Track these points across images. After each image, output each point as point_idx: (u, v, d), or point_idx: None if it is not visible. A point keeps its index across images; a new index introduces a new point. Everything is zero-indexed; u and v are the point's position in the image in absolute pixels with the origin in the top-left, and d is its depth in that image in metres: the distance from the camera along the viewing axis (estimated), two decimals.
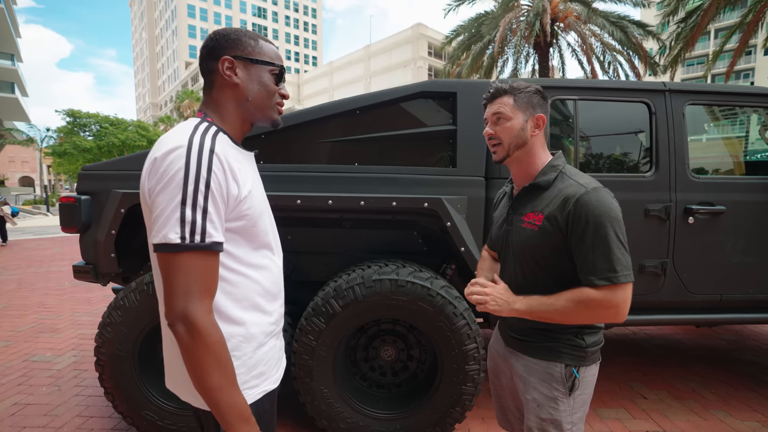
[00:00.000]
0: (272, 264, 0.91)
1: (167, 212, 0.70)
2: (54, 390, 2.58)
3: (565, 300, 0.96)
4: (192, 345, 0.70)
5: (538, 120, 1.06)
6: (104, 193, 2.03)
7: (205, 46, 0.86)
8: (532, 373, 1.08)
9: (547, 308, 0.98)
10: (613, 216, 0.95)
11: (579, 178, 1.03)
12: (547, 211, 1.02)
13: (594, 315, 0.96)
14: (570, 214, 0.97)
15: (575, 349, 1.03)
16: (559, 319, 0.98)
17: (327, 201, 1.93)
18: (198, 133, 0.76)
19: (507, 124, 1.06)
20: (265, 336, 0.88)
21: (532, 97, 1.07)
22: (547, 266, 1.05)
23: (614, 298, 0.93)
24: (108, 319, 1.94)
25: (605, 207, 0.95)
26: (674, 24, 11.74)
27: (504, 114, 1.06)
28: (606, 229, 0.94)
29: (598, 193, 0.97)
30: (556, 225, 1.00)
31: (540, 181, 1.07)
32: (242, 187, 0.79)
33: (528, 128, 1.06)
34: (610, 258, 0.93)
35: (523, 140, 1.06)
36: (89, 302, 4.64)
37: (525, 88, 1.07)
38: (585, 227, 0.95)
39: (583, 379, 1.04)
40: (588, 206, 0.96)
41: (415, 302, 1.85)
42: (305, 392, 1.93)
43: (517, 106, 1.06)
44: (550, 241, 1.01)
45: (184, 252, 0.70)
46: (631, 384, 2.69)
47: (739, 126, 4.20)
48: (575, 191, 0.99)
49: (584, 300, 0.94)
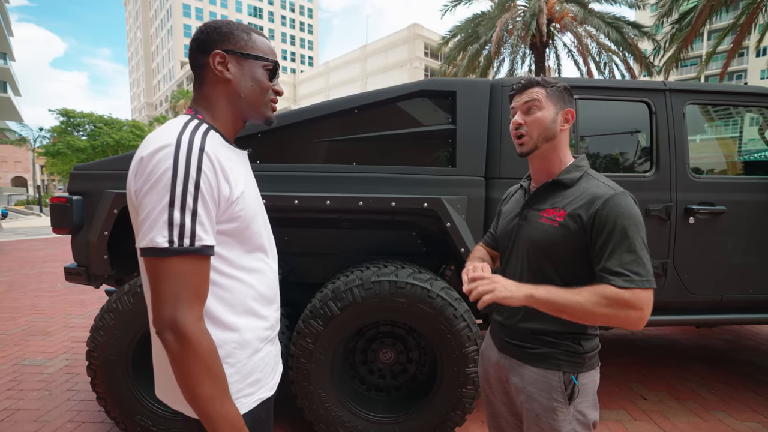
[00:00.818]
0: (267, 267, 0.87)
1: (154, 215, 0.66)
2: (45, 395, 2.53)
3: (589, 294, 0.90)
4: (181, 354, 0.66)
5: (568, 114, 1.05)
6: (96, 193, 1.98)
7: (195, 39, 0.82)
8: (529, 383, 1.04)
9: (568, 298, 0.91)
10: (639, 221, 0.95)
11: (606, 181, 1.02)
12: (570, 208, 1.00)
13: (618, 315, 0.90)
14: (597, 213, 0.95)
15: (573, 356, 1.00)
16: (579, 314, 0.92)
17: (325, 201, 1.90)
18: (187, 131, 0.72)
19: (539, 114, 1.03)
20: (260, 342, 0.85)
21: (563, 92, 1.06)
22: (561, 265, 1.02)
23: (641, 300, 0.89)
24: (100, 322, 1.89)
25: (633, 212, 0.95)
26: (669, 25, 11.81)
27: (537, 103, 1.04)
28: (634, 233, 0.93)
29: (627, 198, 0.97)
30: (579, 223, 0.97)
31: (564, 178, 1.04)
32: (234, 187, 0.75)
33: (558, 121, 1.05)
34: (637, 262, 0.91)
35: (552, 133, 1.04)
36: (82, 304, 4.57)
37: (555, 82, 1.07)
38: (612, 229, 0.93)
39: (583, 385, 1.00)
40: (617, 208, 0.94)
41: (415, 304, 1.82)
42: (303, 396, 1.89)
43: (549, 98, 1.04)
44: (569, 239, 0.99)
45: (173, 256, 0.66)
46: (630, 385, 2.68)
47: (732, 126, 4.22)
48: (604, 192, 0.97)
49: (609, 297, 0.89)
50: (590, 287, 0.92)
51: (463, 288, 0.97)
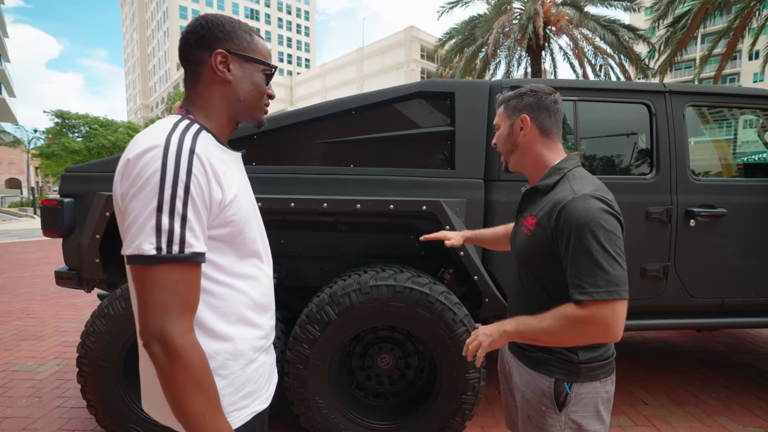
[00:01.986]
0: (261, 273, 0.83)
1: (141, 220, 0.62)
2: (35, 401, 2.46)
3: (551, 318, 0.88)
4: (170, 368, 0.62)
5: (522, 121, 1.05)
6: (89, 195, 1.94)
7: (193, 32, 0.77)
8: (524, 383, 1.05)
9: (533, 327, 0.90)
10: (600, 225, 0.86)
11: (576, 183, 0.95)
12: (539, 215, 0.99)
13: (581, 334, 0.86)
14: (555, 222, 0.92)
15: (567, 364, 0.97)
16: (548, 340, 0.91)
17: (322, 204, 1.86)
18: (177, 132, 0.69)
19: (498, 133, 1.11)
20: (254, 352, 0.81)
21: (518, 101, 1.06)
22: (539, 276, 1.01)
23: (600, 314, 0.84)
24: (91, 328, 1.84)
25: (591, 216, 0.87)
26: (664, 28, 11.90)
27: (496, 124, 1.12)
28: (589, 239, 0.86)
29: (586, 201, 0.89)
30: (544, 232, 0.96)
31: (540, 184, 1.03)
32: (227, 190, 0.72)
33: (514, 131, 1.06)
34: (593, 271, 0.85)
35: (511, 145, 1.08)
36: (75, 308, 4.50)
37: (515, 93, 1.07)
38: (569, 237, 0.89)
39: (578, 396, 0.96)
40: (573, 213, 0.88)
41: (414, 309, 1.79)
42: (299, 403, 1.85)
43: (505, 114, 1.09)
44: (540, 249, 0.97)
45: (161, 264, 0.62)
46: (630, 389, 2.65)
47: (726, 128, 4.22)
48: (563, 197, 0.93)
49: (568, 317, 0.86)
50: (553, 310, 0.89)
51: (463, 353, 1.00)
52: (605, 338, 0.86)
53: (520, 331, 0.92)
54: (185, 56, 0.78)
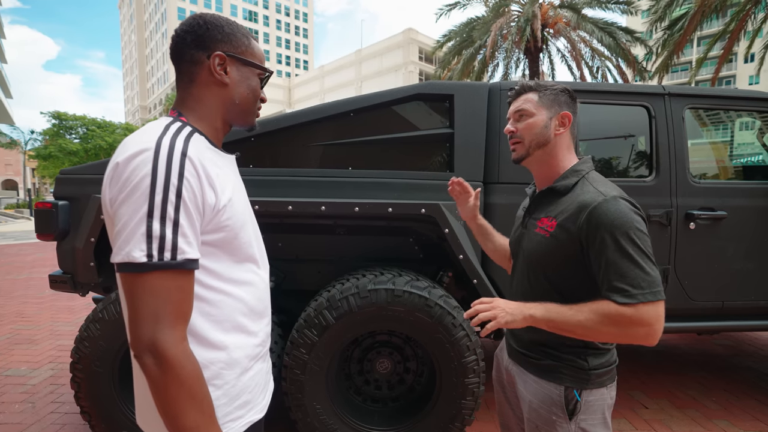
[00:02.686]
0: (257, 279, 0.81)
1: (131, 226, 0.60)
2: (28, 407, 2.43)
3: (590, 312, 0.85)
4: (162, 379, 0.60)
5: (564, 117, 1.01)
6: (83, 198, 1.92)
7: (190, 31, 0.75)
8: (531, 392, 1.01)
9: (568, 318, 0.86)
10: (635, 227, 0.86)
11: (600, 186, 0.94)
12: (561, 218, 0.95)
13: (624, 333, 0.84)
14: (584, 224, 0.90)
15: (577, 371, 0.95)
16: (581, 333, 0.87)
17: (320, 207, 1.84)
18: (168, 134, 0.66)
19: (530, 120, 1.02)
20: (249, 360, 0.79)
21: (558, 96, 1.02)
22: (556, 278, 0.97)
23: (646, 315, 0.83)
24: (85, 332, 1.81)
25: (624, 218, 0.86)
26: (661, 31, 11.96)
27: (527, 110, 1.02)
28: (626, 241, 0.85)
29: (617, 203, 0.88)
30: (569, 234, 0.93)
31: (558, 185, 1.00)
32: (221, 194, 0.69)
33: (552, 126, 1.01)
34: (635, 273, 0.84)
35: (545, 138, 1.01)
36: (70, 311, 4.46)
37: (552, 86, 1.03)
38: (603, 239, 0.87)
39: (587, 402, 0.95)
40: (605, 216, 0.87)
41: (413, 313, 1.77)
42: (296, 409, 1.82)
43: (541, 103, 1.01)
44: (561, 251, 0.94)
45: (152, 272, 0.60)
46: (630, 393, 2.64)
47: (723, 130, 4.22)
48: (592, 199, 0.91)
49: (612, 315, 0.84)
50: (591, 304, 0.86)
51: (464, 314, 0.93)
52: (647, 340, 0.84)
53: (549, 319, 0.88)
54: (180, 55, 0.76)
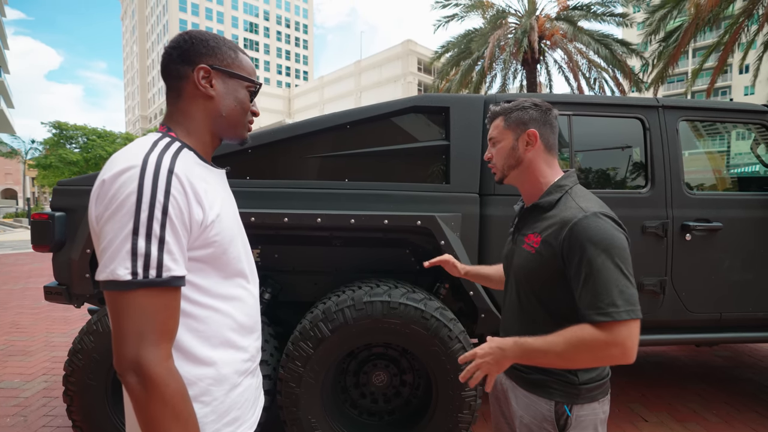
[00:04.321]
0: (246, 294, 0.81)
1: (116, 244, 0.60)
2: (20, 420, 2.39)
3: (565, 343, 0.84)
4: (145, 398, 0.59)
5: (529, 136, 1.02)
6: (80, 209, 1.92)
7: (176, 47, 0.77)
8: (522, 407, 1.01)
9: (544, 353, 0.86)
10: (613, 244, 0.86)
11: (582, 201, 0.94)
12: (545, 234, 0.96)
13: (597, 357, 0.84)
14: (565, 240, 0.90)
15: (567, 386, 0.95)
16: (561, 363, 0.88)
17: (316, 219, 1.84)
18: (156, 151, 0.67)
19: (499, 146, 1.07)
20: (239, 376, 0.78)
21: (524, 114, 1.03)
22: (541, 295, 0.98)
23: (619, 335, 0.81)
24: (79, 345, 1.80)
25: (602, 235, 0.87)
26: (656, 43, 12.13)
27: (495, 137, 1.08)
28: (603, 258, 0.85)
29: (597, 220, 0.89)
30: (552, 250, 0.93)
31: (542, 201, 1.01)
32: (208, 211, 0.69)
33: (520, 146, 1.03)
34: (610, 291, 0.83)
35: (515, 160, 1.04)
36: (66, 322, 4.43)
37: (517, 106, 1.04)
38: (581, 256, 0.87)
39: (578, 417, 0.94)
40: (584, 233, 0.87)
41: (408, 325, 1.76)
42: (291, 422, 1.80)
43: (507, 126, 1.05)
44: (545, 267, 0.95)
45: (136, 290, 0.60)
46: (630, 406, 2.61)
47: (719, 141, 4.25)
48: (573, 215, 0.91)
49: (585, 339, 0.83)
50: (566, 331, 0.85)
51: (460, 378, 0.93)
52: (622, 359, 0.83)
53: (526, 356, 0.88)
54: (168, 71, 0.78)
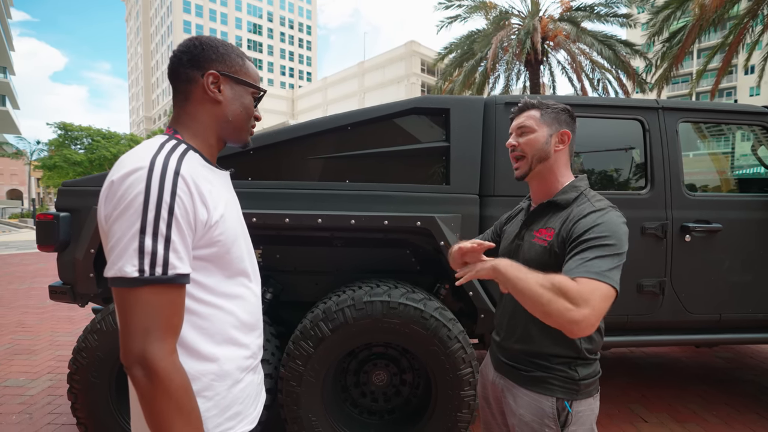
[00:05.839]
0: (249, 292, 0.84)
1: (123, 242, 0.63)
2: (25, 418, 2.43)
3: (543, 276, 0.85)
4: (151, 391, 0.62)
5: (563, 135, 1.06)
6: (84, 209, 1.95)
7: (186, 52, 0.79)
8: (522, 406, 1.02)
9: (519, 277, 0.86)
10: (618, 232, 0.92)
11: (595, 201, 1.01)
12: (558, 228, 1.00)
13: (556, 308, 0.80)
14: (572, 227, 0.96)
15: (567, 382, 0.98)
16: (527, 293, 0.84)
17: (317, 219, 1.87)
18: (162, 153, 0.69)
19: (531, 136, 1.06)
20: (240, 372, 0.80)
21: (559, 114, 1.07)
22: None
23: (591, 295, 0.80)
24: (83, 343, 1.83)
25: (611, 224, 0.93)
26: (660, 43, 12.08)
27: (529, 127, 1.07)
28: (606, 239, 0.90)
29: (607, 211, 0.96)
30: (563, 242, 0.98)
31: (559, 198, 1.04)
32: (213, 211, 0.72)
33: (552, 142, 1.06)
34: (603, 259, 0.87)
35: (545, 154, 1.06)
36: (71, 321, 4.47)
37: (554, 105, 1.08)
38: (584, 233, 0.93)
39: (577, 413, 0.97)
40: (592, 219, 0.94)
41: (408, 325, 1.77)
42: (292, 421, 1.82)
43: (543, 120, 1.07)
44: (557, 260, 0.98)
45: (143, 287, 0.63)
46: (630, 406, 2.61)
47: (721, 142, 4.24)
48: (585, 209, 0.98)
49: (557, 283, 0.82)
50: (556, 276, 0.85)
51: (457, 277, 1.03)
52: (577, 323, 0.79)
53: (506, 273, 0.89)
54: (176, 75, 0.80)
